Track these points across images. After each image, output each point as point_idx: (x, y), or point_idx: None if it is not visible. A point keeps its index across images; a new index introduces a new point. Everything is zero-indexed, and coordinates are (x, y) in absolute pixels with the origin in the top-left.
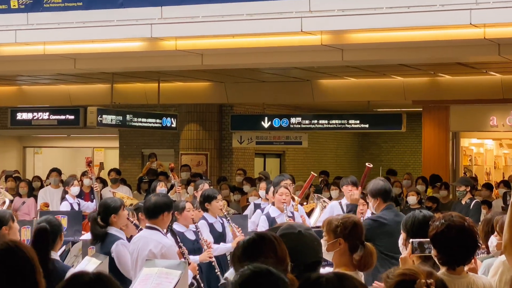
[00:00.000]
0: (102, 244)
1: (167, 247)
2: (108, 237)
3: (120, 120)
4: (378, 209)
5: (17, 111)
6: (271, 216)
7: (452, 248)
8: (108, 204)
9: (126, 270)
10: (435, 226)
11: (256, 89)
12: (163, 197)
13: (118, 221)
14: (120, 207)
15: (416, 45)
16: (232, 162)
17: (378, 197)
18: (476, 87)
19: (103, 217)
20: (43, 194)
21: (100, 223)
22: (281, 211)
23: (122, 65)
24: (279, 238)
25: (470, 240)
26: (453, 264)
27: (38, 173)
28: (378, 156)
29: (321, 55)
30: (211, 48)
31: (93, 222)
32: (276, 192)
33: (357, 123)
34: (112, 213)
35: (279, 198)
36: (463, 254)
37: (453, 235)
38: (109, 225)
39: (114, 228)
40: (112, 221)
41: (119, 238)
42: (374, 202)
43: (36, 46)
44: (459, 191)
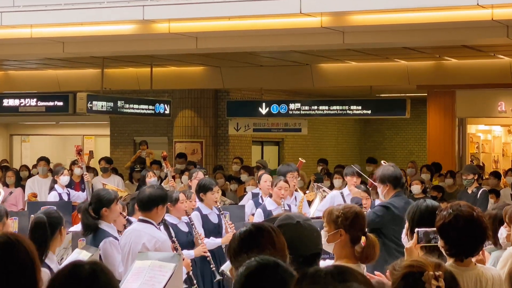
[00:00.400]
0: (93, 237)
1: (162, 242)
2: (99, 232)
3: (111, 107)
4: (388, 195)
5: (3, 97)
6: (268, 209)
7: (460, 239)
8: (102, 196)
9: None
10: (443, 216)
11: (253, 74)
12: (158, 190)
13: (110, 215)
14: (114, 200)
15: (421, 27)
16: (228, 150)
17: (388, 183)
18: (483, 71)
19: (94, 209)
20: (30, 184)
21: (92, 215)
22: (278, 204)
23: (113, 49)
24: (277, 229)
25: (479, 231)
26: (461, 255)
27: (26, 162)
28: (381, 143)
29: (321, 38)
30: (206, 31)
31: (84, 213)
32: (275, 186)
33: (359, 109)
34: (104, 206)
35: (277, 193)
36: (471, 245)
37: (461, 225)
38: (100, 218)
39: (105, 223)
40: (103, 215)
41: (110, 235)
42: (383, 188)
43: (23, 29)
44: (466, 179)
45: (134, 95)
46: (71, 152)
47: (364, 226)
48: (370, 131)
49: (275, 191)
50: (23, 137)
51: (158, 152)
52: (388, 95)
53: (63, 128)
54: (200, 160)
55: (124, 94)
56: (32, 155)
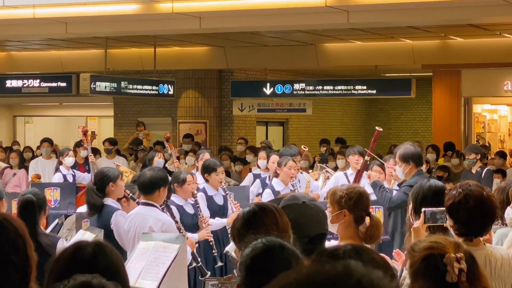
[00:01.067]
0: (98, 216)
1: (168, 224)
2: (105, 208)
3: (115, 87)
4: (409, 174)
5: (6, 79)
6: (276, 189)
7: (469, 218)
8: (105, 172)
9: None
10: (452, 195)
11: (257, 54)
12: (159, 172)
13: (116, 190)
14: (119, 176)
15: (426, 6)
16: (232, 131)
17: (411, 162)
18: (489, 50)
19: (99, 187)
20: (34, 165)
21: (97, 193)
22: (285, 185)
23: (116, 29)
24: (280, 209)
25: (488, 211)
26: (470, 235)
27: (29, 143)
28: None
29: (325, 17)
30: (210, 10)
31: (89, 192)
32: (285, 165)
33: (364, 89)
34: (110, 181)
35: (287, 172)
36: (481, 225)
37: (471, 205)
38: (105, 195)
39: (110, 199)
40: (110, 191)
41: (117, 208)
42: (405, 167)
43: (25, 10)
44: (468, 159)
45: (138, 75)
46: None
47: (368, 206)
48: (375, 111)
49: (285, 170)
50: (27, 118)
51: (162, 133)
52: (393, 75)
53: (67, 109)
54: (204, 140)
55: (128, 75)
56: (35, 136)
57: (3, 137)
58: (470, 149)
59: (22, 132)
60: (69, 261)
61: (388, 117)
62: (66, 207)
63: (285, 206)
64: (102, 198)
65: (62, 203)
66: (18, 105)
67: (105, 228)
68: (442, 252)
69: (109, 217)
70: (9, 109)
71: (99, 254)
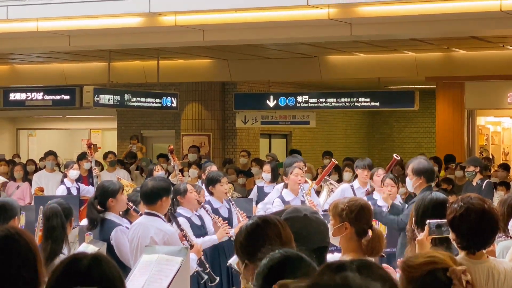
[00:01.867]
0: (100, 230)
1: (170, 234)
2: (106, 223)
3: (118, 100)
4: (419, 188)
5: (10, 91)
6: (286, 200)
7: (471, 232)
8: (106, 187)
9: (126, 258)
10: (454, 209)
11: (260, 66)
12: (161, 181)
13: (116, 205)
14: (119, 190)
15: (429, 18)
16: (236, 143)
17: (423, 176)
18: (492, 62)
19: (100, 201)
20: (37, 179)
21: (97, 208)
22: (295, 195)
23: (120, 42)
24: (283, 221)
25: (490, 224)
26: (472, 248)
27: (32, 156)
28: (390, 136)
29: (328, 29)
30: (213, 23)
31: (89, 206)
32: (291, 173)
33: (367, 101)
34: (110, 197)
35: (294, 179)
36: (483, 238)
37: (472, 218)
38: (106, 210)
39: (112, 214)
40: (110, 205)
41: (118, 224)
42: (416, 181)
43: (29, 23)
44: (467, 171)
45: (141, 88)
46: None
47: (370, 219)
48: (379, 123)
49: (291, 178)
50: (30, 131)
51: (165, 145)
52: (396, 87)
53: (70, 122)
54: (207, 153)
55: (131, 88)
56: (38, 149)
57: (6, 150)
58: (469, 161)
59: (26, 145)
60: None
61: (391, 129)
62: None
63: (287, 219)
64: (102, 212)
65: None
66: (22, 118)
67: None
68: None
69: (110, 232)
70: (13, 122)
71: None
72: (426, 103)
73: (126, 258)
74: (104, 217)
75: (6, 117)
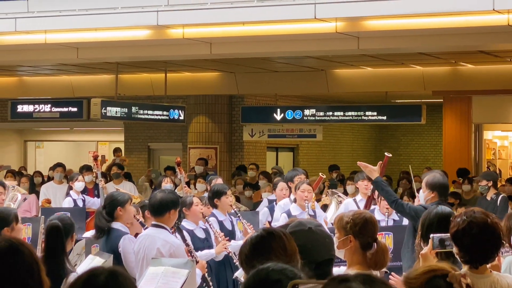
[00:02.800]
0: (106, 239)
1: (176, 247)
2: (113, 232)
3: (125, 113)
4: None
5: (17, 103)
6: (292, 214)
7: (474, 246)
8: (115, 197)
9: (130, 267)
10: (456, 223)
11: (268, 80)
12: (169, 194)
13: (124, 215)
14: (128, 201)
15: (437, 32)
16: (243, 156)
17: (436, 191)
18: (499, 76)
19: (108, 211)
20: (45, 190)
21: (105, 217)
22: (303, 209)
23: (127, 54)
24: (288, 234)
25: (493, 238)
26: (475, 262)
27: (40, 168)
28: (397, 149)
29: (336, 43)
30: (220, 36)
31: (98, 215)
32: (298, 189)
33: (374, 115)
34: (119, 205)
35: (301, 195)
36: (486, 252)
37: (475, 232)
38: (114, 219)
39: (119, 224)
40: (118, 215)
41: (124, 233)
42: (428, 194)
43: (37, 35)
44: (480, 185)
45: (148, 101)
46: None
47: (374, 232)
48: (386, 137)
49: (298, 194)
50: (37, 143)
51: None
52: (403, 101)
53: (77, 134)
54: (214, 166)
55: (138, 100)
56: (46, 161)
57: (14, 162)
58: (482, 176)
59: (33, 157)
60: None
61: (398, 143)
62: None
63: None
64: (110, 222)
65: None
66: (29, 129)
67: (113, 252)
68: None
69: (117, 241)
70: (20, 133)
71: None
72: (433, 117)
73: (131, 266)
74: (111, 227)
75: (13, 129)
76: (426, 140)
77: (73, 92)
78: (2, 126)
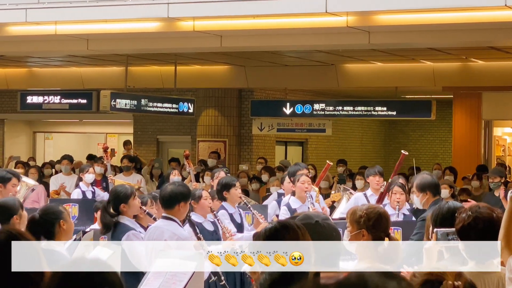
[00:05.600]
0: (113, 233)
1: (183, 239)
2: (119, 227)
3: (135, 105)
4: (427, 204)
5: (27, 95)
6: (292, 207)
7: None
8: (118, 192)
9: (138, 262)
10: (462, 218)
11: (277, 73)
12: (180, 186)
13: (128, 210)
14: (131, 195)
15: (447, 27)
16: (252, 150)
17: (428, 191)
18: (510, 73)
19: (113, 206)
20: (54, 181)
21: (111, 212)
22: (303, 202)
23: (137, 46)
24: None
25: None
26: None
27: (49, 159)
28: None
29: (346, 37)
30: (231, 29)
31: (103, 211)
32: (298, 181)
33: (384, 110)
34: (122, 202)
35: (301, 187)
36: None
37: (480, 227)
38: (119, 214)
39: (125, 217)
40: (122, 211)
41: (131, 228)
42: (423, 197)
43: (47, 26)
44: (493, 182)
45: (158, 93)
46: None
47: (387, 227)
48: (395, 132)
49: (298, 186)
50: (47, 134)
51: (181, 151)
52: (413, 97)
53: (87, 126)
54: (223, 159)
55: (148, 93)
56: (55, 152)
57: (23, 153)
58: (494, 172)
59: (42, 148)
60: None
61: (407, 139)
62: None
63: None
64: (115, 217)
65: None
66: (38, 121)
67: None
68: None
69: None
70: (29, 125)
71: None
72: (443, 113)
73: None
74: (117, 221)
75: (23, 120)
76: (435, 136)
77: (82, 84)
78: (11, 117)
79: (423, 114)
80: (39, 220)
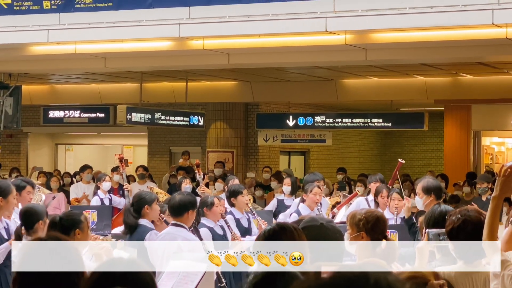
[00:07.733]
0: (131, 235)
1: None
2: (140, 228)
3: (149, 118)
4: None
5: (49, 109)
6: (302, 214)
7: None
8: (143, 195)
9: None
10: (452, 221)
11: (281, 88)
12: (188, 196)
13: (151, 213)
14: (154, 200)
15: (439, 45)
16: (257, 160)
17: (432, 194)
18: (497, 87)
19: (136, 208)
20: (74, 189)
21: (133, 214)
22: (311, 209)
23: (151, 64)
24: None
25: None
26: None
27: (69, 169)
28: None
29: (345, 54)
30: (238, 47)
31: (126, 212)
32: (310, 192)
33: (380, 122)
34: (146, 204)
35: (313, 198)
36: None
37: (469, 230)
38: (141, 216)
39: (145, 220)
40: (145, 213)
41: (151, 229)
42: (426, 199)
43: (68, 46)
44: (481, 187)
45: (170, 107)
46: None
47: (384, 230)
48: (390, 142)
49: (310, 196)
50: (67, 146)
51: (192, 161)
52: (407, 109)
53: (104, 138)
54: (231, 168)
55: (161, 107)
56: (75, 163)
57: (45, 163)
58: (482, 178)
59: (63, 159)
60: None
61: (402, 148)
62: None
63: (304, 228)
64: (137, 219)
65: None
66: (60, 134)
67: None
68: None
69: (143, 236)
70: (52, 137)
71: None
72: (435, 124)
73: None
74: (138, 223)
75: (45, 133)
76: (428, 145)
77: (100, 99)
78: (35, 130)
79: (416, 125)
80: (59, 223)
